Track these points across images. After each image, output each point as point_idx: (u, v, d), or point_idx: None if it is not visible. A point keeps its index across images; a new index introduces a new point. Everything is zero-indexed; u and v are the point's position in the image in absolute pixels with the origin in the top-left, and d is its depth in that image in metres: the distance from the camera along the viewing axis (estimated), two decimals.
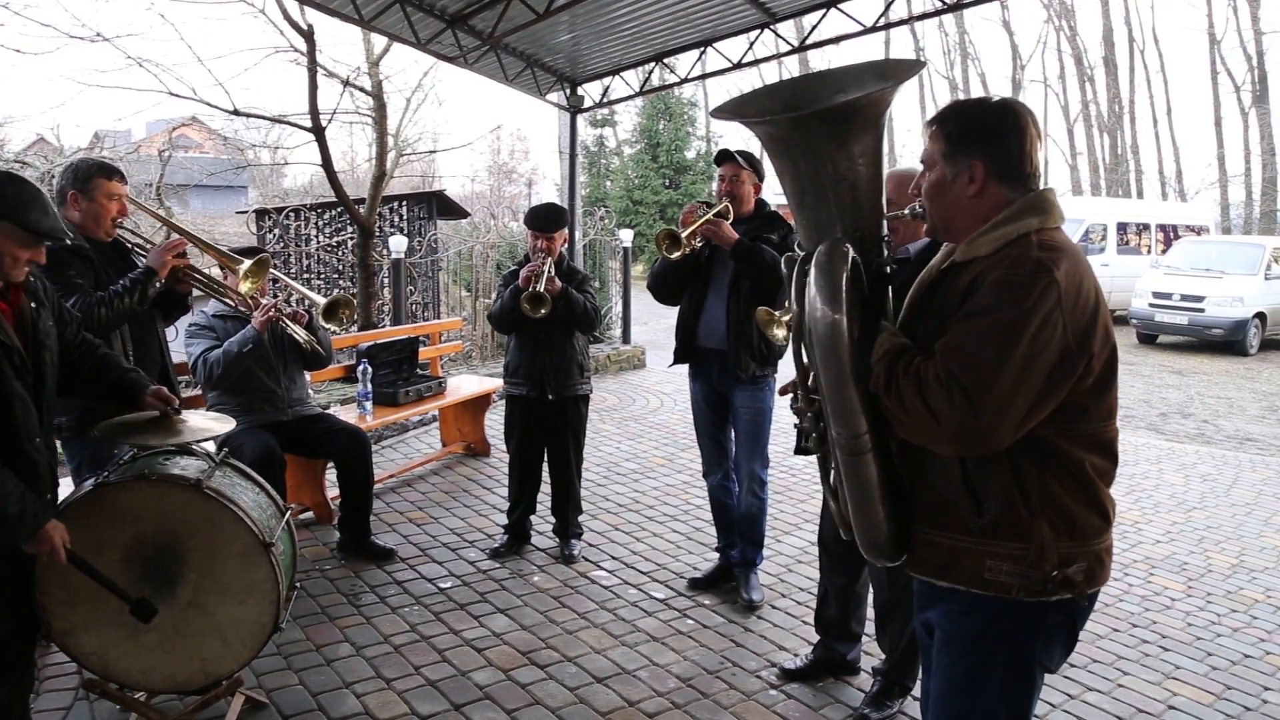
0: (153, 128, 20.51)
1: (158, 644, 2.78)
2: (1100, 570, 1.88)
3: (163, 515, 2.76)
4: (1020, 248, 1.79)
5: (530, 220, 4.71)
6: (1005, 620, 1.87)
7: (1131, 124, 34.53)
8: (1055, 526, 1.82)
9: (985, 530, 1.84)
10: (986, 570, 1.84)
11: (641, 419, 8.14)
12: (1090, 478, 1.85)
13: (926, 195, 1.95)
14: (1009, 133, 1.86)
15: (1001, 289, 1.74)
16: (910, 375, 1.77)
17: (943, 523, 1.90)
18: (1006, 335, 1.70)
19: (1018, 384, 1.70)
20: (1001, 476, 1.82)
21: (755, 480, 4.21)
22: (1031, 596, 1.83)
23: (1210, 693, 3.60)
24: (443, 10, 7.26)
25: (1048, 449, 1.81)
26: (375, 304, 10.54)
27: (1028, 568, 1.81)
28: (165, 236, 3.90)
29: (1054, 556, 1.81)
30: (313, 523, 5.12)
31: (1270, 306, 14.55)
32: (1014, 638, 1.88)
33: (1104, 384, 1.84)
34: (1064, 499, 1.82)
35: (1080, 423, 1.83)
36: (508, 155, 27.32)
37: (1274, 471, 7.01)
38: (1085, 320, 1.76)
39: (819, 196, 1.89)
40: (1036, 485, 1.81)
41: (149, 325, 3.70)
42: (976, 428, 1.71)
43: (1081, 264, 1.81)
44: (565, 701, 3.38)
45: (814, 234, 1.91)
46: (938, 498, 1.90)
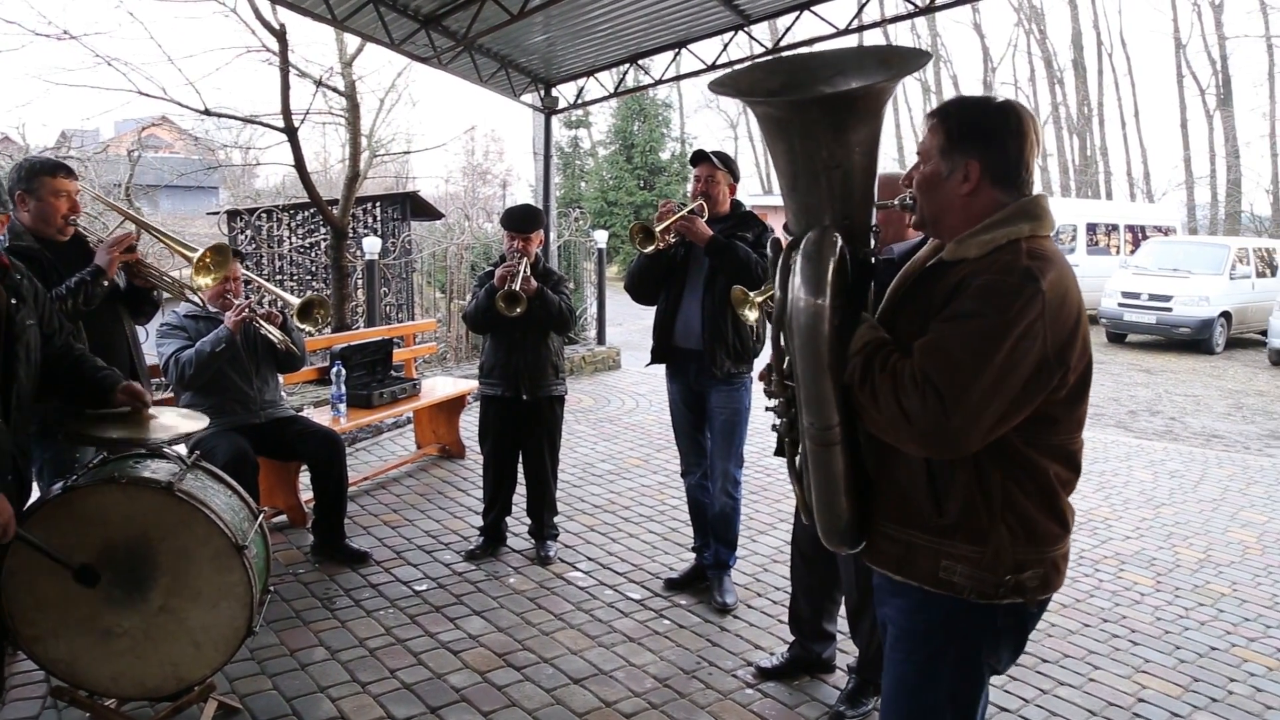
0: (122, 127, 20.28)
1: (128, 649, 2.75)
2: (1055, 577, 1.89)
3: (133, 519, 2.73)
4: (1009, 254, 1.78)
5: (506, 221, 4.70)
6: (956, 620, 1.88)
7: (1100, 126, 34.97)
8: (1014, 532, 1.82)
9: (944, 530, 1.85)
10: (941, 569, 1.85)
11: (617, 420, 8.14)
12: (1053, 487, 1.85)
13: (919, 187, 1.93)
14: (1008, 136, 1.84)
15: (987, 294, 1.73)
16: (886, 372, 1.77)
17: (903, 518, 1.91)
18: (987, 342, 1.69)
19: (992, 391, 1.70)
20: (965, 479, 1.82)
21: (729, 480, 4.22)
22: (983, 599, 1.83)
23: (1179, 685, 3.65)
24: (416, 11, 7.23)
25: (1014, 456, 1.81)
26: (349, 306, 10.46)
27: (982, 570, 1.82)
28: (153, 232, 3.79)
29: (1010, 561, 1.82)
30: (286, 526, 5.08)
31: (1235, 306, 14.79)
32: (963, 637, 1.89)
33: (1076, 397, 1.84)
34: (1025, 505, 1.83)
35: (1049, 433, 1.83)
36: (482, 156, 27.25)
37: (1239, 468, 7.12)
38: (1066, 333, 1.75)
39: (811, 181, 1.87)
40: (999, 490, 1.81)
41: (115, 325, 3.65)
42: (947, 431, 1.71)
43: (1067, 275, 1.80)
44: (542, 703, 3.38)
45: (803, 218, 1.90)
46: (900, 493, 1.91)
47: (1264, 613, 4.36)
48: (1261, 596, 4.55)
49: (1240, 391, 11.28)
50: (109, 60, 10.53)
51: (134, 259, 3.56)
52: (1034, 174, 1.89)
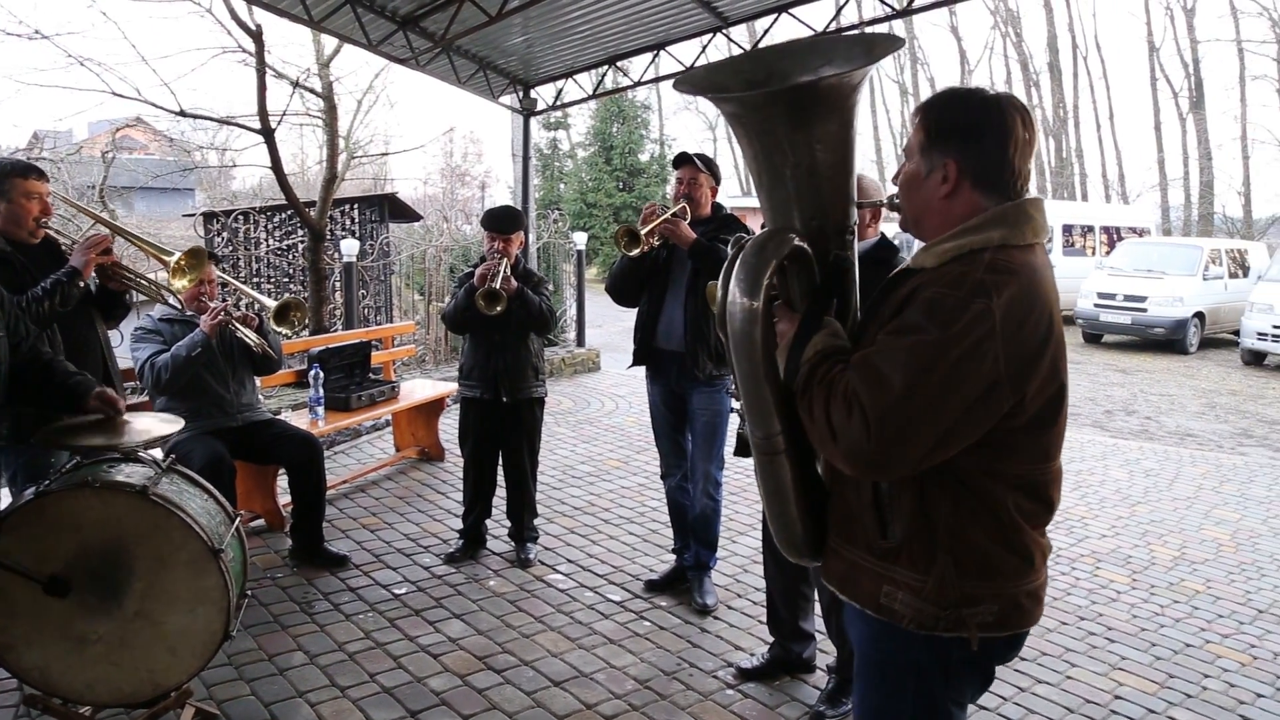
0: (95, 128, 20.09)
1: (103, 656, 2.72)
2: (1018, 614, 1.74)
3: (107, 524, 2.69)
4: (966, 265, 1.64)
5: (487, 222, 4.69)
6: (910, 651, 1.76)
7: (1076, 128, 35.34)
8: (961, 564, 1.69)
9: (887, 553, 1.74)
10: (882, 595, 1.74)
11: (597, 422, 8.13)
12: (1012, 520, 1.71)
13: (901, 186, 1.82)
14: (988, 134, 1.69)
15: (930, 309, 1.60)
16: (823, 384, 1.67)
17: (849, 536, 1.81)
18: (923, 360, 1.57)
19: (925, 414, 1.56)
20: (910, 503, 1.70)
21: (710, 481, 4.22)
22: (921, 629, 1.72)
23: (1154, 682, 3.68)
24: (394, 12, 7.20)
25: (965, 483, 1.68)
26: (327, 308, 10.41)
27: (921, 600, 1.70)
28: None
29: (955, 594, 1.69)
30: (264, 530, 5.04)
31: (1209, 306, 14.97)
32: (919, 670, 1.78)
33: (1040, 425, 1.69)
34: (976, 537, 1.69)
35: (1007, 462, 1.68)
36: (461, 158, 27.16)
37: (1213, 466, 7.21)
38: (1028, 354, 1.61)
39: (775, 179, 1.79)
40: (947, 519, 1.68)
41: (87, 328, 3.61)
42: (869, 453, 1.58)
43: (1038, 292, 1.64)
44: (522, 706, 3.37)
45: (772, 217, 1.84)
46: (847, 510, 1.81)
47: (1237, 609, 4.41)
48: (1235, 593, 4.60)
49: (1213, 391, 11.41)
50: (81, 60, 10.46)
51: (110, 261, 3.53)
52: (1026, 176, 1.74)
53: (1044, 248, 1.76)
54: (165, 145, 19.01)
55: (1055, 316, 1.67)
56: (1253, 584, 4.73)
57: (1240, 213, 32.04)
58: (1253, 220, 31.67)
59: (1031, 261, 1.68)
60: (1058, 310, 1.69)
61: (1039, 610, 1.79)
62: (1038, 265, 1.69)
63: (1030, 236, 1.69)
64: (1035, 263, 1.68)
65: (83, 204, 3.92)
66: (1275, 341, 13.02)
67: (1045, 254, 1.76)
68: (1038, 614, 1.79)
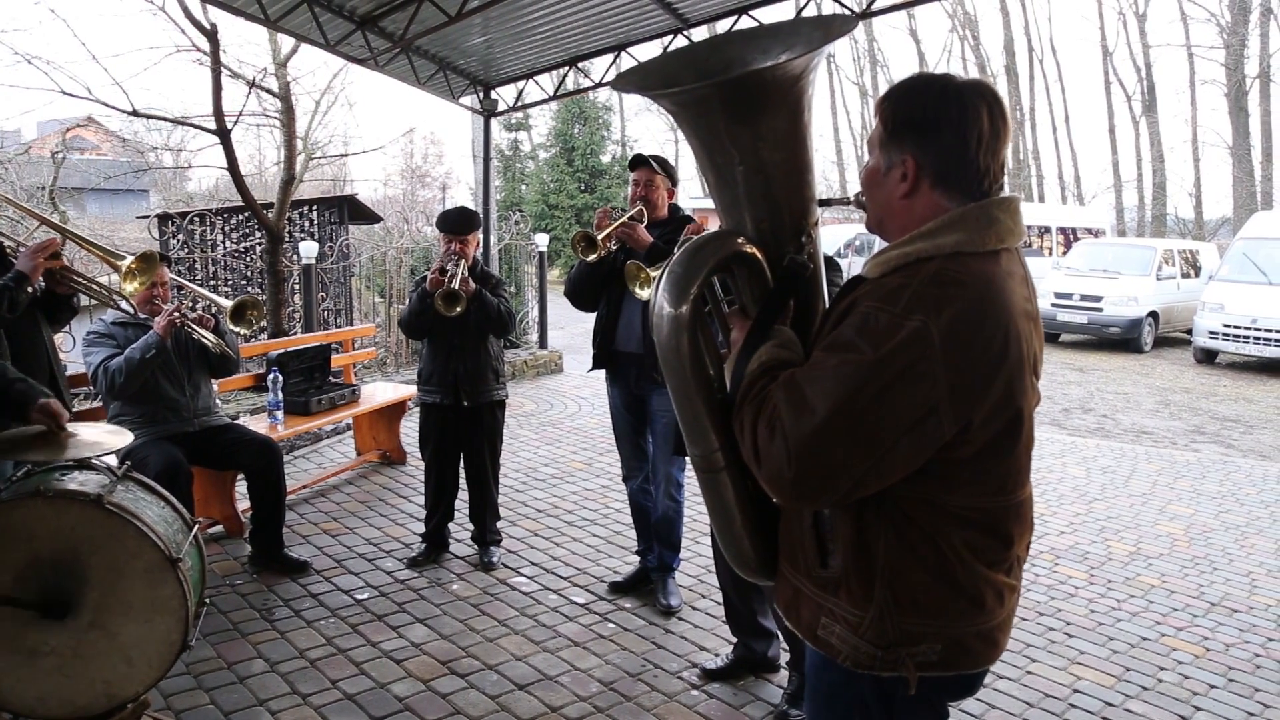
0: (45, 128, 19.71)
1: (56, 668, 2.66)
2: (965, 656, 1.59)
3: (60, 533, 2.64)
4: (907, 276, 1.48)
5: (442, 224, 4.67)
6: (853, 686, 1.64)
7: (1032, 130, 35.87)
8: (899, 600, 1.54)
9: (826, 584, 1.60)
10: (820, 626, 1.62)
11: (559, 424, 8.11)
12: (959, 556, 1.55)
13: (863, 183, 1.67)
14: (945, 127, 1.52)
15: (863, 325, 1.46)
16: (753, 401, 1.54)
17: (792, 561, 1.69)
18: (850, 382, 1.42)
19: (850, 441, 1.43)
20: (849, 533, 1.56)
21: (672, 483, 4.22)
22: (858, 668, 1.58)
23: (1112, 675, 3.74)
24: (352, 11, 7.13)
25: (908, 515, 1.53)
26: (285, 311, 10.27)
27: (857, 637, 1.57)
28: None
29: (892, 632, 1.55)
30: (223, 536, 4.97)
31: (1163, 305, 15.27)
32: (865, 707, 1.65)
33: (992, 454, 1.53)
34: (918, 573, 1.54)
35: (953, 494, 1.53)
36: (421, 159, 26.92)
37: (1167, 463, 7.34)
38: (975, 377, 1.45)
39: (720, 178, 1.68)
40: (887, 552, 1.54)
41: (33, 332, 3.53)
42: (789, 481, 1.46)
43: (992, 307, 1.47)
44: (487, 710, 3.35)
45: (724, 219, 1.74)
46: (790, 534, 1.69)
47: (1191, 603, 4.49)
48: (1189, 587, 4.69)
49: (1167, 389, 11.63)
50: (29, 58, 10.24)
51: (59, 265, 3.46)
52: (996, 174, 1.57)
53: (1015, 254, 1.59)
54: (118, 146, 18.69)
55: (1014, 333, 1.49)
56: (1205, 578, 4.83)
57: (1192, 214, 32.74)
58: (1204, 221, 32.38)
59: (989, 272, 1.50)
60: (1021, 325, 1.51)
61: (994, 652, 1.64)
62: (996, 276, 1.51)
63: (993, 242, 1.52)
64: (993, 273, 1.51)
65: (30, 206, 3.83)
66: (1226, 340, 13.30)
67: (1016, 260, 1.59)
68: (992, 655, 1.64)
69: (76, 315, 3.89)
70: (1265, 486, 6.65)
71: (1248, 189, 29.82)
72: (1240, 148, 30.15)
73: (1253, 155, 30.19)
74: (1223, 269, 14.49)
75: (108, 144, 21.12)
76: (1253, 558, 5.14)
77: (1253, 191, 29.65)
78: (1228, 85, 30.40)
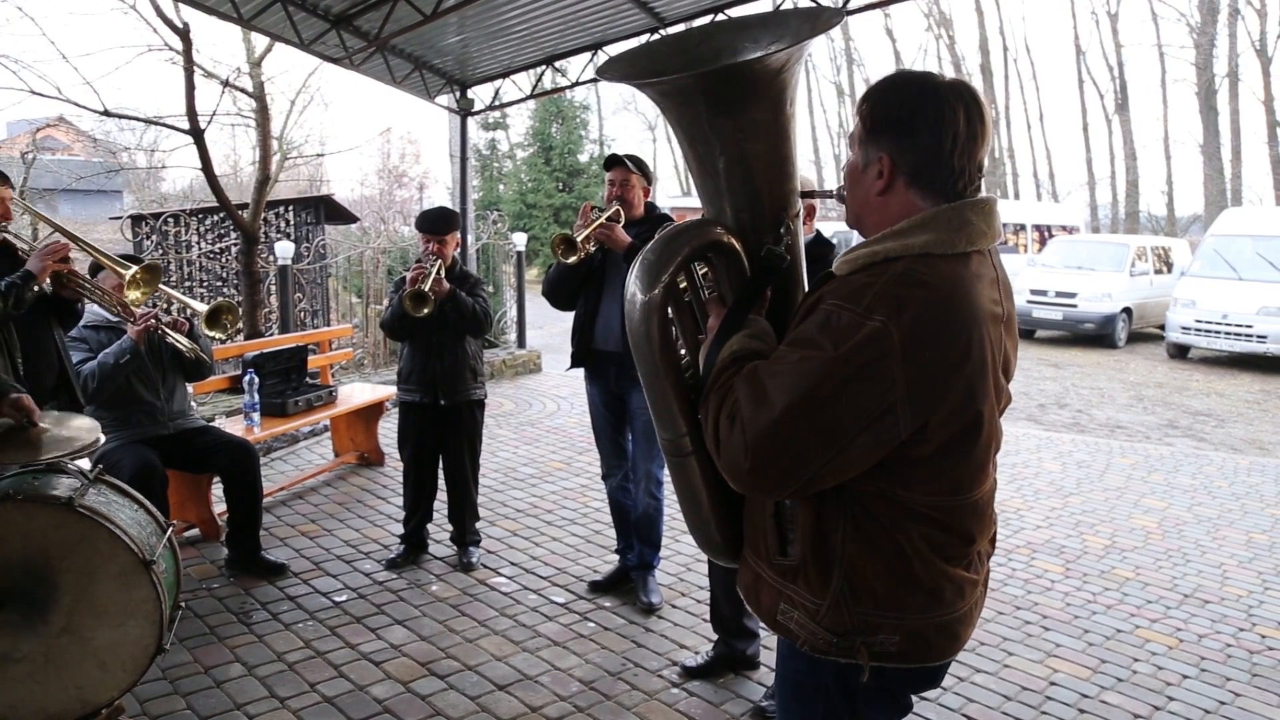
0: (15, 128, 19.48)
1: (28, 675, 2.63)
2: (923, 648, 1.62)
3: (31, 538, 2.61)
4: (872, 275, 1.50)
5: (420, 223, 4.65)
6: (816, 673, 1.67)
7: (1007, 128, 36.16)
8: (856, 590, 1.57)
9: (786, 571, 1.64)
10: (779, 612, 1.66)
11: (538, 423, 8.10)
12: (916, 550, 1.57)
13: (844, 180, 1.70)
14: (922, 127, 1.53)
15: (825, 323, 1.48)
16: (718, 390, 1.57)
17: (754, 547, 1.72)
18: (808, 379, 1.44)
19: (805, 436, 1.45)
20: (808, 523, 1.59)
21: (652, 480, 4.23)
22: (815, 653, 1.62)
23: (1087, 668, 3.78)
24: (326, 10, 7.08)
25: (866, 508, 1.56)
26: (261, 312, 10.21)
27: (815, 624, 1.60)
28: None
29: (849, 620, 1.58)
30: (199, 540, 4.92)
31: (1136, 301, 15.42)
32: (826, 694, 1.68)
33: (951, 453, 1.54)
34: (874, 565, 1.57)
35: (910, 490, 1.55)
36: (398, 159, 26.81)
37: (1141, 457, 7.42)
38: (934, 379, 1.46)
39: (703, 168, 1.70)
40: (845, 543, 1.57)
41: (44, 333, 3.62)
42: (745, 472, 1.49)
43: (957, 310, 1.49)
44: (467, 711, 3.34)
45: (707, 208, 1.75)
46: (753, 521, 1.72)
47: (1164, 595, 4.54)
48: (1162, 579, 4.74)
49: (1141, 384, 11.75)
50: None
51: (66, 269, 3.55)
52: (974, 175, 1.58)
53: (988, 256, 1.60)
54: (90, 146, 18.49)
55: (978, 337, 1.50)
56: (1179, 570, 4.88)
57: (1164, 211, 33.12)
58: (1176, 218, 32.76)
59: (957, 274, 1.51)
60: (988, 329, 1.53)
61: (954, 645, 1.66)
62: (963, 279, 1.51)
63: (963, 244, 1.52)
64: (960, 275, 1.51)
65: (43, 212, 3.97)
66: (1198, 335, 13.45)
67: (989, 263, 1.60)
68: (953, 648, 1.66)
69: (80, 320, 3.99)
70: (1236, 479, 6.73)
71: (1218, 186, 30.20)
72: (1211, 146, 30.54)
73: (1223, 153, 30.59)
74: (1194, 265, 14.66)
75: (79, 144, 20.89)
76: (1224, 550, 5.20)
77: (1223, 189, 30.03)
78: (1198, 84, 30.78)
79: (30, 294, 3.38)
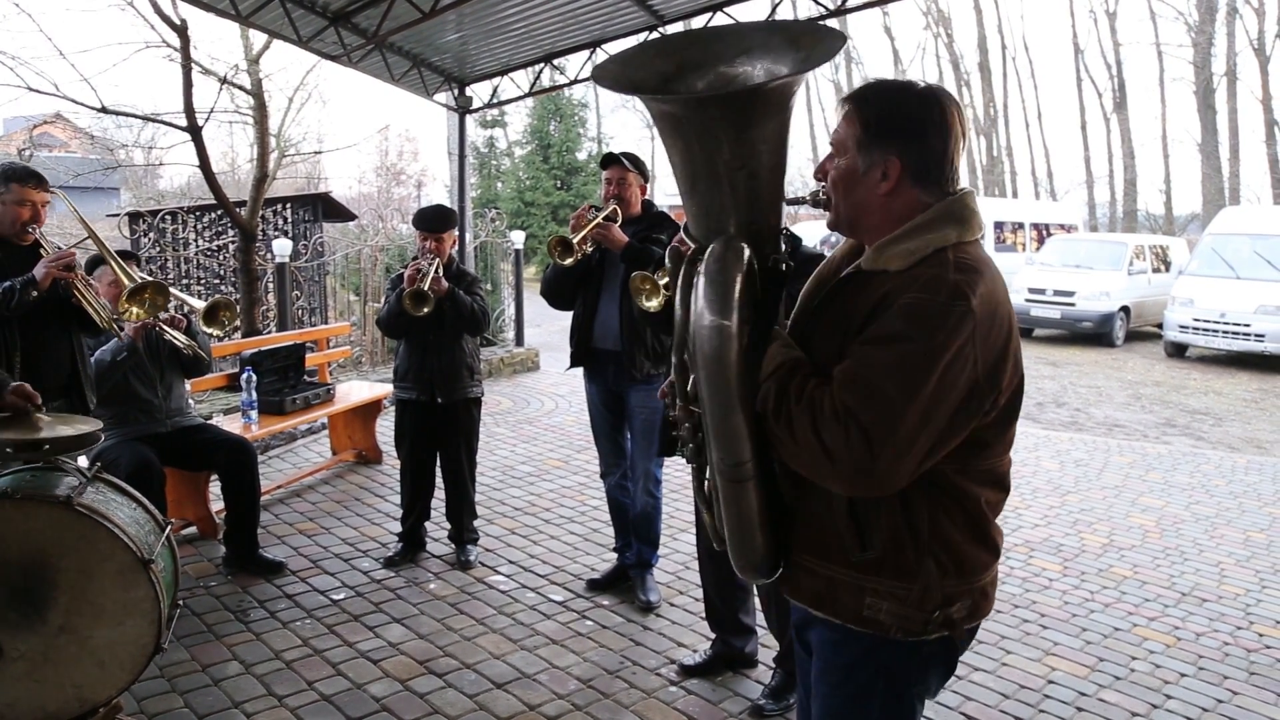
0: (11, 125, 19.45)
1: (25, 674, 2.62)
2: (984, 604, 1.76)
3: (28, 536, 2.61)
4: (935, 267, 1.60)
5: (418, 221, 4.65)
6: (881, 654, 1.72)
7: (1006, 127, 36.18)
8: (943, 566, 1.67)
9: (868, 566, 1.68)
10: (865, 607, 1.69)
11: (536, 421, 8.10)
12: (984, 513, 1.72)
13: (833, 183, 1.72)
14: (933, 130, 1.64)
15: (913, 316, 1.55)
16: (803, 403, 1.57)
17: (823, 552, 1.73)
18: (914, 370, 1.52)
19: (921, 424, 1.52)
20: (890, 513, 1.65)
21: (650, 479, 4.23)
22: (910, 637, 1.69)
23: (1085, 666, 3.78)
24: (325, 7, 7.07)
25: (944, 486, 1.66)
26: (259, 310, 10.19)
27: (909, 608, 1.67)
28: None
29: (937, 597, 1.67)
30: (197, 538, 4.92)
31: (1134, 300, 15.42)
32: (890, 673, 1.74)
33: (1008, 418, 1.68)
34: (954, 537, 1.68)
35: (980, 458, 1.67)
36: (396, 156, 26.76)
37: (1139, 455, 7.43)
38: (997, 352, 1.59)
39: (712, 184, 1.65)
40: (928, 523, 1.66)
41: (55, 335, 3.68)
42: (873, 471, 1.52)
43: (999, 287, 1.63)
44: (465, 709, 3.34)
45: (704, 221, 1.69)
46: (820, 526, 1.73)
47: (1162, 593, 4.55)
48: (1160, 578, 4.75)
49: (1139, 382, 11.76)
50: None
51: (71, 277, 3.58)
52: (959, 170, 1.70)
53: None
54: (87, 143, 18.43)
55: (1011, 308, 1.67)
56: (1176, 568, 4.89)
57: (1162, 209, 33.14)
58: (1173, 217, 32.78)
59: (984, 257, 1.66)
60: (1009, 302, 1.68)
61: (990, 603, 1.81)
62: (989, 260, 1.67)
63: (976, 231, 1.67)
64: (987, 258, 1.66)
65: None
66: (1196, 334, 13.45)
67: None
68: (989, 607, 1.81)
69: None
70: (1234, 478, 6.74)
71: (1216, 185, 30.23)
72: (1209, 144, 30.56)
73: (1220, 152, 30.62)
74: (1192, 264, 14.66)
75: (76, 141, 20.82)
76: (1222, 548, 5.21)
77: (1221, 187, 30.06)
78: (1196, 83, 30.79)
79: (29, 299, 3.43)
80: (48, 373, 3.61)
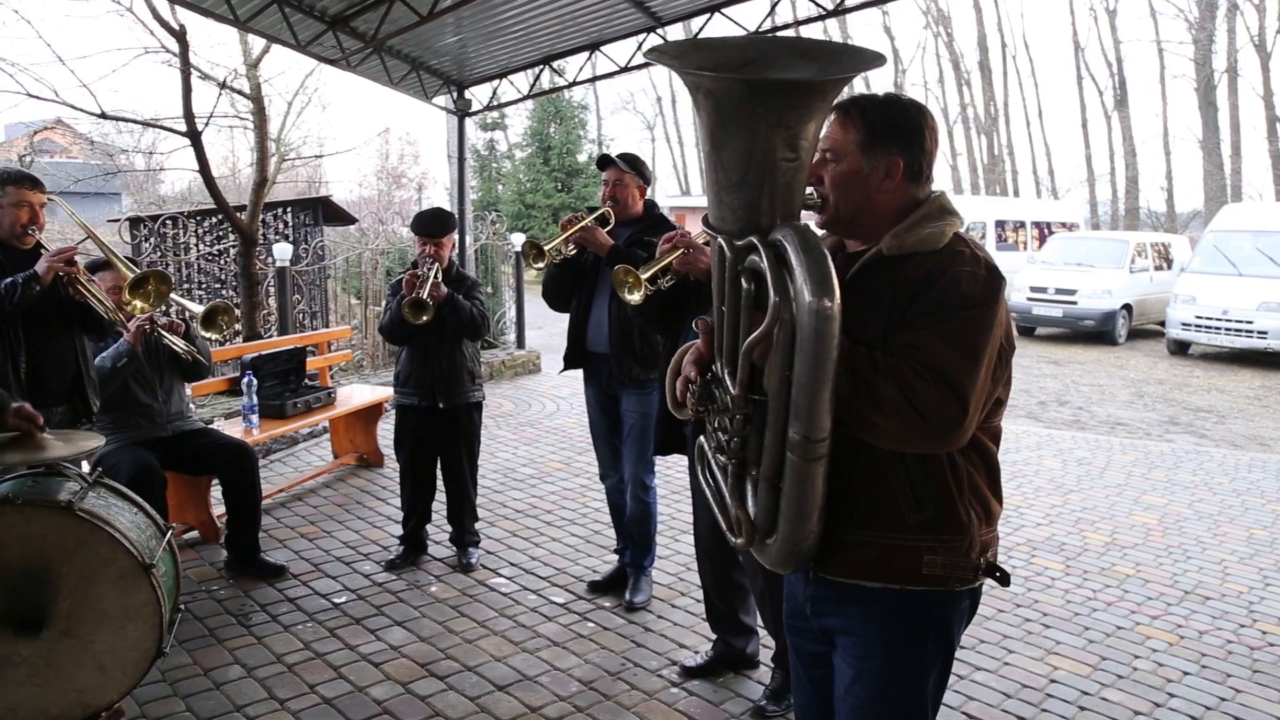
0: (12, 131, 19.48)
1: (27, 678, 2.63)
2: (997, 546, 1.95)
3: (30, 541, 2.61)
4: (965, 246, 1.83)
5: (416, 226, 4.64)
6: (929, 611, 1.85)
7: (1006, 125, 36.18)
8: (978, 515, 1.84)
9: (923, 525, 1.80)
10: (924, 565, 1.81)
11: (538, 424, 8.10)
12: (996, 465, 1.91)
13: (833, 185, 1.87)
14: (924, 133, 1.88)
15: (965, 286, 1.75)
16: (882, 373, 1.68)
17: (876, 523, 1.82)
18: (981, 331, 1.72)
19: (986, 379, 1.73)
20: (938, 471, 1.80)
21: (639, 485, 4.21)
22: (963, 585, 1.84)
23: (1088, 665, 3.78)
24: (323, 11, 7.08)
25: (973, 441, 1.81)
26: (260, 314, 10.20)
27: (960, 558, 1.82)
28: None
29: (979, 544, 1.84)
30: (198, 542, 4.92)
31: (1136, 298, 15.40)
32: (938, 627, 1.88)
33: (1004, 377, 1.87)
34: (982, 488, 1.86)
35: (995, 415, 1.87)
36: (396, 159, 26.81)
37: (1141, 454, 7.42)
38: (1007, 317, 1.82)
39: (766, 175, 1.65)
40: (966, 477, 1.83)
41: (59, 337, 3.68)
42: (965, 424, 1.68)
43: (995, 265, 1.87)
44: (466, 712, 3.34)
45: (745, 215, 1.67)
46: (873, 497, 1.82)
47: (1165, 591, 4.54)
48: (1163, 576, 4.74)
49: (1141, 380, 11.74)
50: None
51: (72, 272, 3.59)
52: None
53: None
54: (88, 148, 18.47)
55: None
56: (1179, 566, 4.88)
57: (1164, 207, 33.11)
58: (1175, 214, 32.74)
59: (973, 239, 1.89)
60: None
61: None
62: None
63: (961, 221, 1.89)
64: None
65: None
66: (1199, 331, 13.44)
67: None
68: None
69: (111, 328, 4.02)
70: (1237, 475, 6.73)
71: (1218, 182, 30.21)
72: (1210, 141, 30.54)
73: (1222, 149, 30.60)
74: (1194, 261, 14.65)
75: (77, 146, 20.88)
76: (1225, 546, 5.20)
77: (1222, 184, 30.03)
78: (1197, 80, 30.77)
79: (32, 293, 3.42)
80: (53, 374, 3.62)
